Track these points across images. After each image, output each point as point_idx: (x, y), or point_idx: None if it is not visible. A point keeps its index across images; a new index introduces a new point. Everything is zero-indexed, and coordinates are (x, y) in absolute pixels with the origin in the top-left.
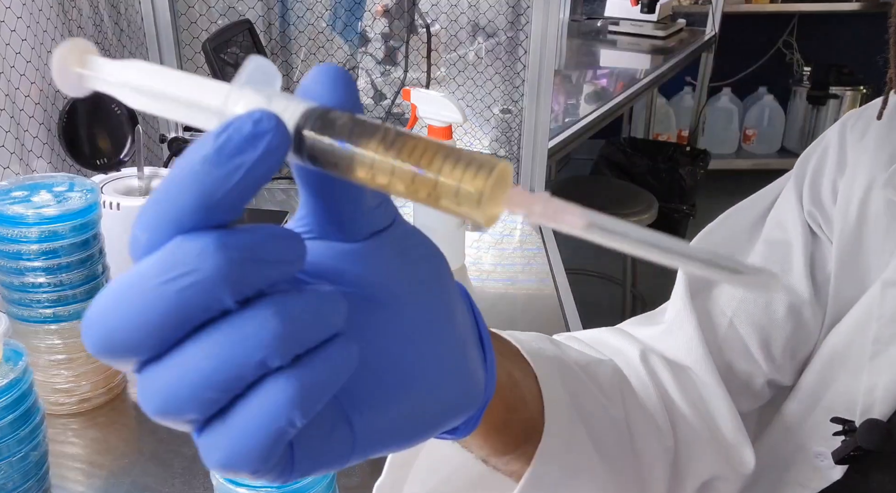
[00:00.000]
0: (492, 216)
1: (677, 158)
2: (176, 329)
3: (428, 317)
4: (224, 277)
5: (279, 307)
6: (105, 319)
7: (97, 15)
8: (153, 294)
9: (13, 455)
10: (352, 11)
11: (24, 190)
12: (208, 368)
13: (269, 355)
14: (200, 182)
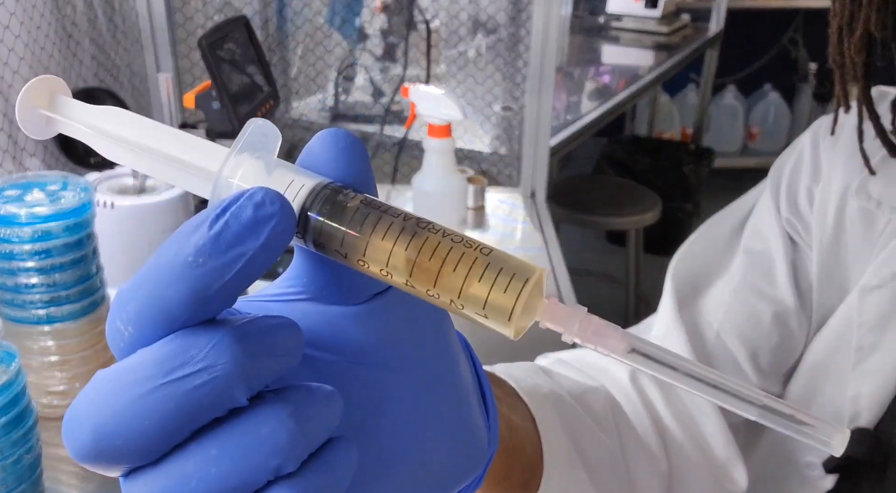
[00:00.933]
0: (521, 329)
1: (681, 157)
2: (180, 431)
3: (430, 382)
4: (241, 372)
5: (293, 407)
6: (94, 421)
7: (91, 11)
8: (157, 394)
9: (6, 459)
10: (350, 7)
11: (17, 189)
12: (217, 475)
13: (284, 461)
14: (195, 274)
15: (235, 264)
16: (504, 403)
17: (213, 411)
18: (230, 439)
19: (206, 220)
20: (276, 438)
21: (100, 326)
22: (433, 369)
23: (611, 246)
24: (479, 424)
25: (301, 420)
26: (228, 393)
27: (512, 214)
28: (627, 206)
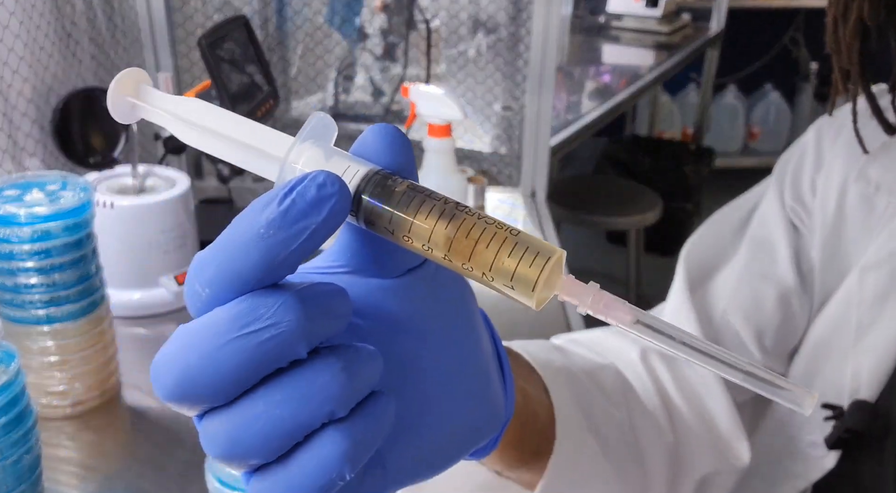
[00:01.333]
0: (543, 300)
1: (682, 156)
2: (250, 378)
3: (457, 349)
4: (302, 330)
5: (346, 361)
6: (178, 368)
7: (91, 10)
8: (232, 346)
9: (6, 459)
10: (350, 6)
11: (16, 188)
12: (280, 416)
13: (336, 407)
14: (266, 244)
15: (300, 236)
16: (519, 375)
17: (278, 361)
18: (292, 386)
19: (276, 197)
20: (330, 387)
21: (99, 326)
22: (459, 338)
23: (611, 246)
24: (498, 390)
25: (350, 373)
26: (291, 347)
27: (512, 214)
28: (628, 206)
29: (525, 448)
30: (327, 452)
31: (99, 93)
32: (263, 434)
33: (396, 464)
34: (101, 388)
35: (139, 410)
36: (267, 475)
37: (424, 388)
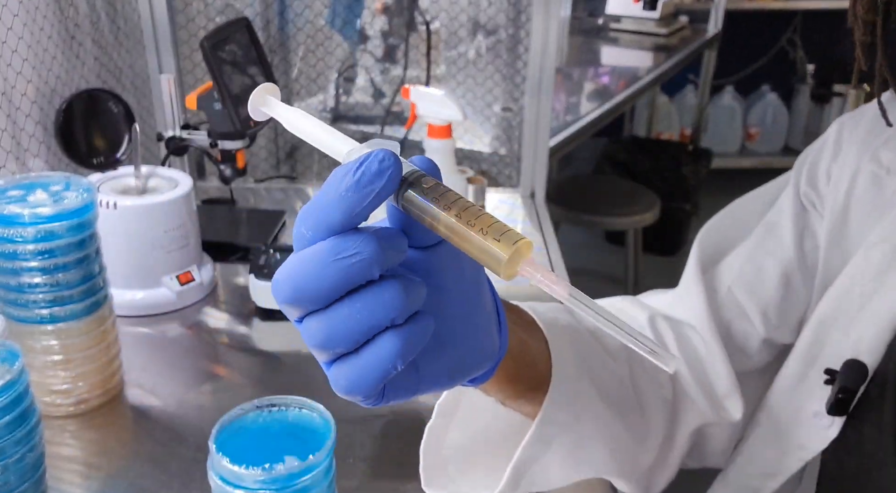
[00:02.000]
0: (510, 275)
1: (680, 157)
2: (340, 291)
3: (469, 299)
4: (377, 258)
5: (404, 284)
6: (294, 280)
7: (94, 13)
8: (329, 268)
9: (9, 457)
10: (351, 8)
11: (20, 189)
12: (359, 319)
13: (397, 315)
14: (347, 202)
15: (369, 196)
16: (522, 328)
17: (360, 279)
18: (368, 297)
19: (351, 170)
20: (394, 301)
21: (102, 325)
22: (471, 293)
23: (610, 246)
24: (494, 331)
25: (407, 293)
26: (369, 269)
27: (512, 214)
28: (626, 206)
29: (522, 384)
30: (388, 347)
31: (102, 94)
32: (347, 330)
33: (425, 371)
34: (105, 387)
35: (142, 408)
36: (345, 362)
37: (448, 323)
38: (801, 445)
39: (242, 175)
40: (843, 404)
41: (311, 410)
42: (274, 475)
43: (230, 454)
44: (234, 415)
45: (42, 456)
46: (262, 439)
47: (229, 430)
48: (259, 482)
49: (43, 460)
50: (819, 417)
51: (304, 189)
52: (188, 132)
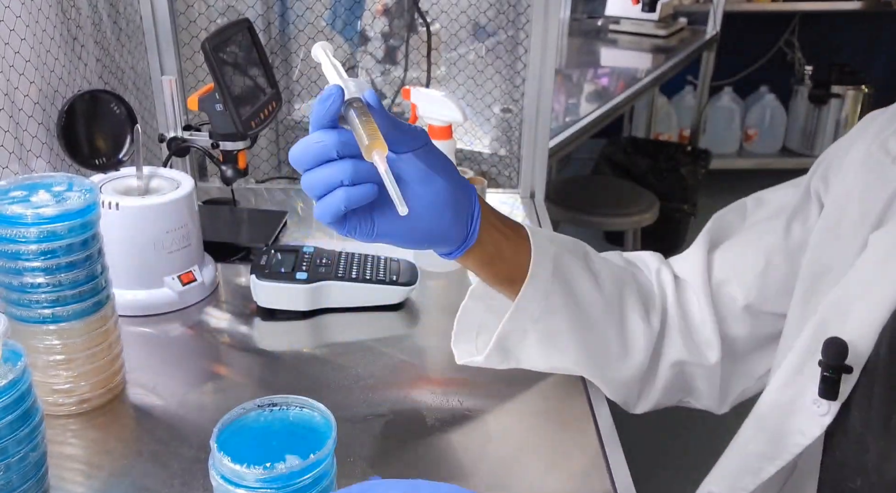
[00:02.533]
0: (367, 155)
1: (678, 158)
2: (314, 162)
3: (435, 197)
4: (333, 145)
5: (353, 162)
6: (293, 153)
7: (96, 14)
8: (310, 147)
9: (12, 456)
10: (351, 10)
11: (22, 190)
12: (322, 177)
13: (344, 178)
14: (315, 112)
15: (323, 110)
16: (506, 235)
17: (324, 157)
18: (327, 167)
19: (319, 96)
20: (342, 170)
21: (105, 325)
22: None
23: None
24: (460, 223)
25: (355, 167)
26: (328, 151)
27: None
28: (625, 206)
29: (497, 273)
30: (336, 195)
31: (104, 95)
32: (317, 182)
33: (381, 224)
34: (107, 386)
35: (144, 408)
36: (318, 202)
37: (415, 200)
38: (800, 430)
39: (244, 176)
40: (831, 384)
41: (312, 409)
42: (275, 473)
43: (231, 452)
44: (236, 414)
45: (44, 455)
46: (263, 438)
47: (230, 429)
48: (260, 481)
49: (45, 459)
50: (817, 403)
51: None
52: (190, 133)
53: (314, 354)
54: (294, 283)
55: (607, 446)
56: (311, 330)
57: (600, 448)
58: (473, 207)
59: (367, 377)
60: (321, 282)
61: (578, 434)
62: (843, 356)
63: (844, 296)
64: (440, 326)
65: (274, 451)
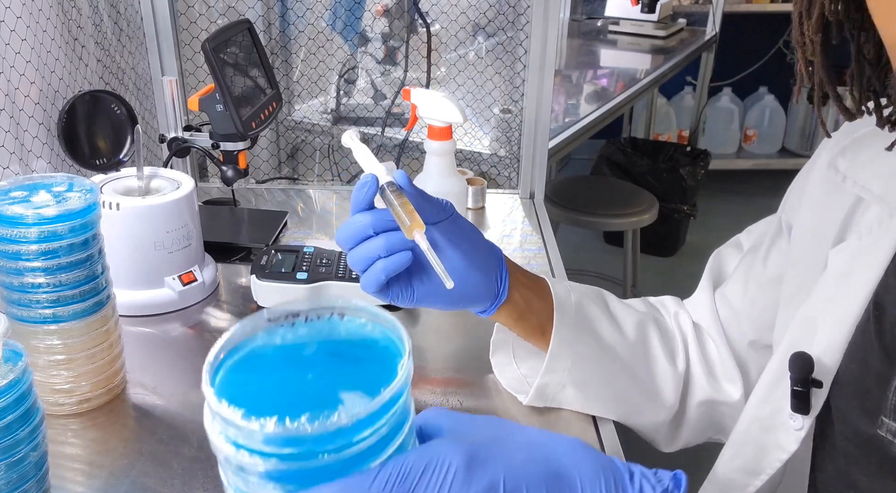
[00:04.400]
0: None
1: (678, 158)
2: (354, 241)
3: (466, 257)
4: (370, 224)
5: (387, 237)
6: (338, 236)
7: (97, 15)
8: (349, 228)
9: (12, 456)
10: (352, 11)
11: (23, 190)
12: (362, 254)
13: (381, 251)
14: (354, 197)
15: (361, 195)
16: (533, 291)
17: (363, 235)
18: (365, 244)
19: (358, 184)
20: (378, 246)
21: (105, 325)
22: (471, 249)
23: (608, 246)
24: (490, 285)
25: (387, 241)
26: (365, 230)
27: (511, 215)
28: (625, 207)
29: (528, 327)
30: (375, 268)
31: (104, 96)
32: (359, 259)
33: (419, 290)
34: (107, 386)
35: (144, 407)
36: (362, 275)
37: (449, 262)
38: (780, 445)
39: (244, 176)
40: (801, 398)
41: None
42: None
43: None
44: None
45: (45, 455)
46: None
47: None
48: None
49: (46, 458)
50: (793, 418)
51: (305, 190)
52: (190, 134)
53: None
54: (294, 283)
55: (607, 446)
56: None
57: (600, 449)
58: (501, 267)
59: None
60: (321, 282)
61: (578, 435)
62: (809, 371)
63: (811, 313)
64: (440, 326)
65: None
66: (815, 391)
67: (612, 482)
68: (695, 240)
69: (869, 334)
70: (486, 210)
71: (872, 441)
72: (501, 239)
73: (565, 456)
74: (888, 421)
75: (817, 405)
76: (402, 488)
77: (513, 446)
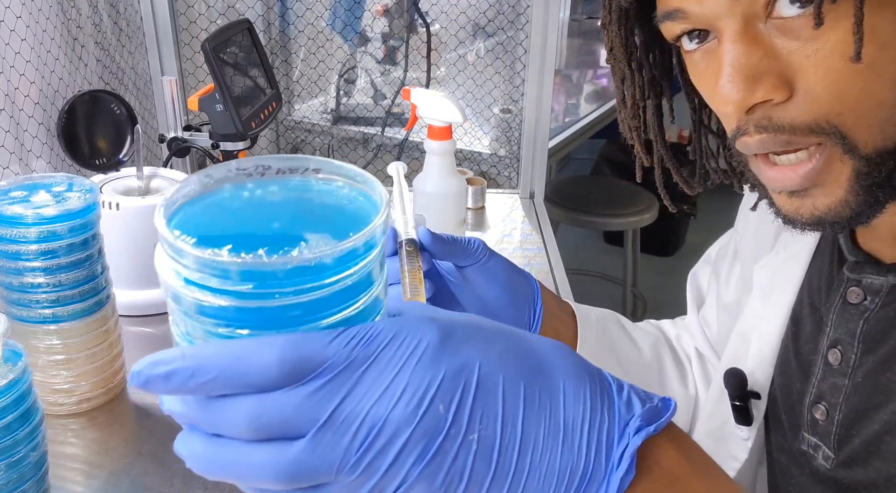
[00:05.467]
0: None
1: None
2: None
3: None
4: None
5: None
6: None
7: (96, 14)
8: None
9: (12, 456)
10: (351, 11)
11: (22, 190)
12: None
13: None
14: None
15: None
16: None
17: None
18: None
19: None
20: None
21: (105, 325)
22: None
23: (608, 246)
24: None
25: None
26: None
27: (511, 215)
28: (625, 206)
29: None
30: None
31: (104, 96)
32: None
33: None
34: (107, 386)
35: (144, 407)
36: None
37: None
38: (732, 454)
39: None
40: (740, 411)
41: (337, 175)
42: (285, 263)
43: (195, 235)
44: (195, 188)
45: (45, 455)
46: (251, 215)
47: (194, 207)
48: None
49: (46, 458)
50: (739, 428)
51: None
52: (190, 134)
53: None
54: None
55: None
56: None
57: None
58: (535, 302)
59: None
60: None
61: None
62: (742, 385)
63: (744, 329)
64: None
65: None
66: (756, 403)
67: (598, 388)
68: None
69: (788, 349)
70: (486, 210)
71: (798, 455)
72: (501, 239)
73: (550, 354)
74: (808, 436)
75: (759, 417)
76: (365, 351)
77: (493, 333)
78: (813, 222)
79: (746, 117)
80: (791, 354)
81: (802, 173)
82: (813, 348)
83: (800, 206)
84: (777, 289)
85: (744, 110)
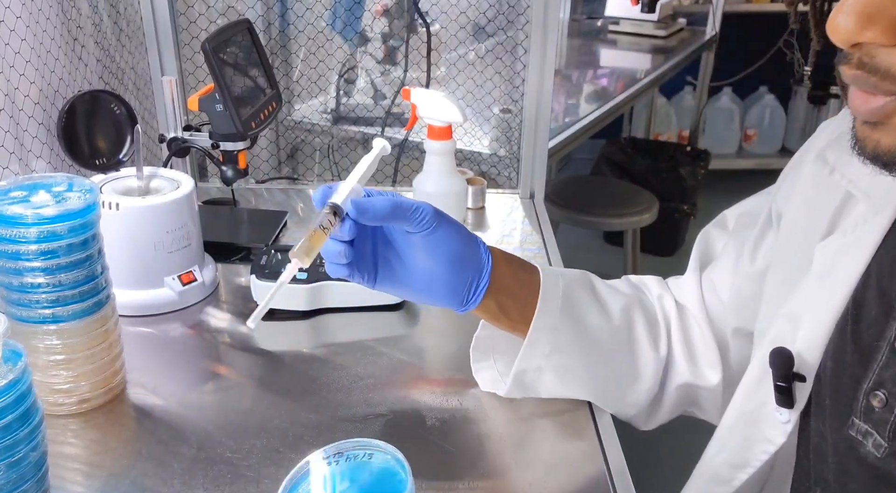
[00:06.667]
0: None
1: (678, 158)
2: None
3: (433, 271)
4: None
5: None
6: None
7: (96, 14)
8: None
9: (12, 456)
10: (351, 11)
11: (22, 190)
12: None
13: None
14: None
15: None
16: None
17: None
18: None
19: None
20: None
21: (105, 325)
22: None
23: (608, 246)
24: (466, 287)
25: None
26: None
27: (511, 215)
28: (625, 206)
29: (512, 320)
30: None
31: (104, 96)
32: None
33: (381, 275)
34: (107, 386)
35: (144, 408)
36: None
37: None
38: (767, 438)
39: (244, 176)
40: (784, 393)
41: (382, 453)
42: None
43: None
44: (301, 469)
45: (44, 455)
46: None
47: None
48: None
49: (45, 458)
50: (779, 411)
51: (305, 190)
52: (190, 134)
53: (314, 354)
54: (294, 283)
55: (607, 446)
56: (311, 330)
57: (600, 448)
58: (479, 277)
59: (366, 377)
60: (321, 282)
61: (578, 434)
62: (789, 367)
63: (796, 309)
64: (439, 326)
65: None
66: (800, 386)
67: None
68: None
69: (846, 333)
70: (486, 210)
71: (843, 441)
72: (501, 239)
73: None
74: (859, 423)
75: (802, 399)
76: None
77: None
78: (872, 157)
79: (853, 49)
80: (849, 337)
81: (871, 107)
82: (878, 334)
83: (867, 137)
84: (839, 270)
85: (849, 45)
